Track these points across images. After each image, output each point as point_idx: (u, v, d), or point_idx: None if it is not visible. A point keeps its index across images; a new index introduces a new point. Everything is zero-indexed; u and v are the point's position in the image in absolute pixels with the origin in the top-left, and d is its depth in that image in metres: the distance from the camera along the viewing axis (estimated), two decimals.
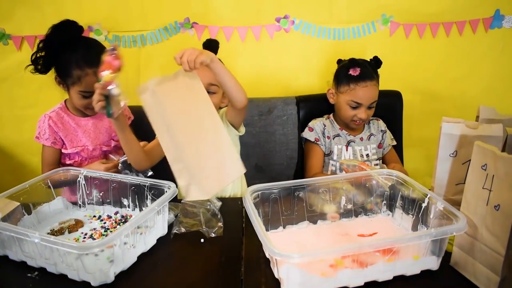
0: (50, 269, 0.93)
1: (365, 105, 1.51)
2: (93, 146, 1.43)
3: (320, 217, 1.10)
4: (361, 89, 1.49)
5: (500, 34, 1.89)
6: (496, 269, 0.82)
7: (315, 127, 1.61)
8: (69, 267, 0.90)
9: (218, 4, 1.78)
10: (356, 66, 1.51)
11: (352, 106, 1.52)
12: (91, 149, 1.43)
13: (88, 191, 1.21)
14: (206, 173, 0.92)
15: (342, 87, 1.54)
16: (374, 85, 1.51)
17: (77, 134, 1.42)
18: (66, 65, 1.30)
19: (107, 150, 1.46)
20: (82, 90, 1.32)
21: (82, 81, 1.31)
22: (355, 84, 1.50)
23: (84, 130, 1.43)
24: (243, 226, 1.11)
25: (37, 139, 1.40)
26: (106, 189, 1.19)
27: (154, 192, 1.12)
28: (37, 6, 1.73)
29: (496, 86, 1.97)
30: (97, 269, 0.89)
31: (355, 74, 1.50)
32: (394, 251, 0.85)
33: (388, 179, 1.11)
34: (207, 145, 0.95)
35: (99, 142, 1.45)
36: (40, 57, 1.30)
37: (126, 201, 1.18)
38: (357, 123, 1.55)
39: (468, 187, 0.88)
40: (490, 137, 0.94)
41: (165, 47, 1.82)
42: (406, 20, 1.86)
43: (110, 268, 0.89)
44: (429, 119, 1.97)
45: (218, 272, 0.93)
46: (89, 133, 1.43)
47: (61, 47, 1.30)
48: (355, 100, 1.50)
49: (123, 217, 1.17)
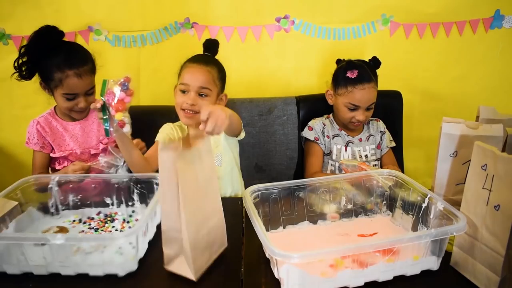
0: (66, 272, 0.91)
1: (363, 107, 1.51)
2: (81, 150, 1.45)
3: (320, 217, 1.10)
4: (359, 92, 1.49)
5: (500, 34, 1.89)
6: (496, 269, 0.82)
7: (315, 126, 1.61)
8: (90, 265, 0.90)
9: (218, 4, 1.78)
10: (354, 68, 1.50)
11: (350, 108, 1.52)
12: (79, 153, 1.45)
13: (63, 197, 1.16)
14: (199, 252, 0.90)
15: (340, 89, 1.54)
16: (372, 87, 1.50)
17: (64, 139, 1.45)
18: (48, 69, 1.33)
19: (95, 153, 1.47)
20: (65, 93, 1.35)
21: (64, 83, 1.33)
22: (353, 86, 1.49)
23: (71, 134, 1.45)
24: (243, 226, 1.11)
25: (27, 144, 1.43)
26: (85, 190, 1.17)
27: (141, 186, 1.14)
28: (37, 6, 1.73)
29: (496, 86, 1.97)
30: (123, 258, 0.92)
31: (352, 76, 1.50)
32: (394, 251, 0.85)
33: (388, 179, 1.11)
34: (206, 224, 0.93)
35: (87, 146, 1.46)
36: (22, 63, 1.33)
37: (109, 199, 1.18)
38: (356, 124, 1.55)
39: (468, 187, 0.88)
40: (490, 137, 0.94)
41: (165, 47, 1.82)
42: (406, 20, 1.86)
43: (136, 255, 0.93)
44: (429, 119, 1.97)
45: (218, 272, 0.93)
46: (77, 137, 1.46)
47: (42, 53, 1.32)
48: (353, 103, 1.50)
49: (107, 216, 1.16)
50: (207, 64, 1.37)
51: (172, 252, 0.91)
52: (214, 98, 1.38)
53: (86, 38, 1.79)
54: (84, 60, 1.36)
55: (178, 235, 0.88)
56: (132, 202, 1.18)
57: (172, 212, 0.87)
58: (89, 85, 1.38)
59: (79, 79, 1.33)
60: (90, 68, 1.38)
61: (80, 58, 1.36)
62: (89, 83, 1.37)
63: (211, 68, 1.36)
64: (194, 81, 1.33)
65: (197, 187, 0.89)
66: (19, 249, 0.90)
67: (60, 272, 0.92)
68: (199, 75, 1.34)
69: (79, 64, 1.34)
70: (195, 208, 0.88)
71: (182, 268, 0.90)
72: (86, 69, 1.36)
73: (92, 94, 1.40)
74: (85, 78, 1.35)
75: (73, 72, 1.32)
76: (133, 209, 1.18)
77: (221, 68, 1.43)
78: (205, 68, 1.35)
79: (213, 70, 1.37)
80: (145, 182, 1.14)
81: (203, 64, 1.36)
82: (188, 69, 1.36)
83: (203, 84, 1.33)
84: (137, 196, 1.17)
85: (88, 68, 1.37)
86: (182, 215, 0.85)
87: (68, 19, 1.75)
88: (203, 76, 1.34)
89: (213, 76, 1.36)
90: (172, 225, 0.88)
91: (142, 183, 1.14)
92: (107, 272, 0.91)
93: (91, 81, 1.38)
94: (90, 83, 1.38)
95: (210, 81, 1.35)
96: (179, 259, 0.91)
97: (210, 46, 1.45)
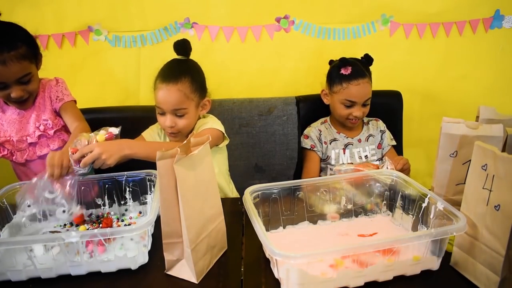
0: (76, 272, 0.91)
1: (359, 103, 1.52)
2: (17, 137, 1.32)
3: (320, 217, 1.10)
4: (354, 87, 1.50)
5: (500, 34, 1.89)
6: (496, 269, 0.82)
7: (310, 134, 1.62)
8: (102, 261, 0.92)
9: (218, 4, 1.78)
10: (347, 65, 1.52)
11: (347, 105, 1.53)
12: (15, 141, 1.32)
13: None
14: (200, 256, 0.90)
15: (335, 87, 1.55)
16: (366, 83, 1.52)
17: (2, 123, 1.33)
18: None
19: (32, 142, 1.33)
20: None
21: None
22: (348, 83, 1.51)
23: (9, 119, 1.32)
24: (243, 226, 1.11)
25: None
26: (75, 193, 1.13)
27: (134, 183, 1.14)
28: (36, 6, 1.73)
29: (496, 86, 1.97)
30: (136, 251, 0.94)
31: (346, 73, 1.51)
32: (394, 251, 0.85)
33: (388, 179, 1.11)
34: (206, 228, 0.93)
35: (25, 134, 1.32)
36: None
37: (100, 200, 1.17)
38: (353, 121, 1.56)
39: (468, 187, 0.88)
40: (490, 137, 0.94)
41: (165, 47, 1.81)
42: (406, 20, 1.85)
43: (147, 247, 0.96)
44: (429, 119, 1.97)
45: (218, 272, 0.93)
46: (14, 123, 1.32)
47: None
48: (349, 99, 1.51)
49: (99, 217, 1.16)
50: (178, 79, 1.29)
51: (174, 257, 0.91)
52: (192, 112, 1.33)
53: (86, 38, 1.79)
54: (10, 44, 1.17)
55: (179, 240, 0.89)
56: (125, 201, 1.18)
57: (172, 218, 0.87)
58: (19, 73, 1.20)
59: (3, 66, 1.16)
60: (21, 54, 1.20)
61: (6, 42, 1.17)
62: (18, 71, 1.20)
63: (182, 84, 1.29)
64: (167, 105, 1.29)
65: (197, 192, 0.89)
66: (26, 253, 0.89)
67: (70, 273, 0.92)
68: (170, 98, 1.28)
69: (4, 49, 1.16)
70: (195, 213, 0.88)
71: (183, 272, 0.91)
72: (14, 55, 1.17)
73: (28, 82, 1.25)
74: (12, 65, 1.17)
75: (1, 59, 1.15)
76: (126, 207, 1.18)
77: (195, 75, 1.35)
78: (175, 87, 1.28)
79: (185, 85, 1.29)
80: (137, 179, 1.14)
81: (173, 82, 1.28)
82: (159, 90, 1.30)
83: (176, 106, 1.29)
84: (129, 194, 1.17)
85: (17, 54, 1.18)
86: (183, 220, 0.85)
87: (68, 19, 1.75)
88: (174, 98, 1.28)
89: (186, 93, 1.29)
90: (173, 231, 0.88)
91: (134, 181, 1.14)
92: (121, 267, 0.93)
93: (21, 68, 1.20)
94: (21, 71, 1.20)
95: (183, 100, 1.29)
96: (180, 264, 0.91)
97: (180, 48, 1.36)
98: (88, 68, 1.82)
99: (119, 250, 0.96)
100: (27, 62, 1.22)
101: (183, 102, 1.29)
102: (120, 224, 1.12)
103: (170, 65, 1.35)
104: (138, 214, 1.16)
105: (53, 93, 1.35)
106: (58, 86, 1.37)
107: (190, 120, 1.33)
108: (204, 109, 1.39)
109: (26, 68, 1.22)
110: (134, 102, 1.89)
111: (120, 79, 1.87)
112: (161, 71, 1.34)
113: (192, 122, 1.35)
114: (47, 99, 1.35)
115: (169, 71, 1.33)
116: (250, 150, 1.74)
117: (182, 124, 1.31)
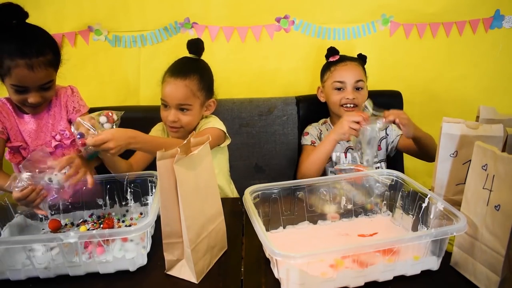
0: (74, 273, 0.91)
1: (349, 84, 1.49)
2: (33, 146, 1.29)
3: (320, 217, 1.10)
4: (341, 68, 1.52)
5: (500, 34, 1.89)
6: (496, 269, 0.82)
7: (311, 131, 1.61)
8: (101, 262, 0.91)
9: (218, 4, 1.78)
10: (335, 54, 1.56)
11: (337, 88, 1.52)
12: (31, 150, 1.29)
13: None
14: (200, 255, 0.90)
15: (325, 76, 1.57)
16: (355, 65, 1.53)
17: (18, 130, 1.29)
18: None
19: (49, 151, 1.29)
20: (14, 84, 1.17)
21: (13, 73, 1.14)
22: (335, 66, 1.54)
23: (24, 128, 1.29)
24: (243, 226, 1.11)
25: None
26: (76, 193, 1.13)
27: (135, 184, 1.15)
28: (37, 6, 1.73)
29: (496, 86, 1.97)
30: (135, 253, 0.94)
31: (334, 59, 1.55)
32: (394, 251, 0.85)
33: (388, 179, 1.11)
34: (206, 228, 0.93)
35: (40, 142, 1.31)
36: None
37: (102, 200, 1.18)
38: (348, 108, 1.50)
39: (468, 187, 0.88)
40: (490, 137, 0.94)
41: (165, 47, 1.82)
42: (406, 20, 1.86)
43: (146, 249, 0.96)
44: (429, 119, 1.96)
45: (218, 272, 0.93)
46: (30, 132, 1.29)
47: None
48: (337, 80, 1.51)
49: (100, 217, 1.16)
50: (186, 76, 1.31)
51: (174, 257, 0.91)
52: (197, 110, 1.34)
53: (86, 38, 1.79)
54: (40, 50, 1.16)
55: (179, 241, 0.89)
56: (126, 202, 1.18)
57: (172, 218, 0.87)
58: (43, 79, 1.18)
59: (30, 71, 1.14)
60: (49, 60, 1.18)
61: (37, 47, 1.16)
62: (43, 77, 1.18)
63: (190, 81, 1.30)
64: (173, 99, 1.30)
65: (197, 192, 0.89)
66: (25, 253, 0.89)
67: (68, 273, 0.92)
68: (176, 92, 1.29)
69: (33, 54, 1.14)
70: (195, 213, 0.88)
71: (183, 272, 0.91)
72: (42, 61, 1.16)
73: (48, 89, 1.22)
74: (38, 71, 1.15)
75: (24, 62, 1.13)
76: (127, 208, 1.19)
77: (204, 74, 1.36)
78: (183, 83, 1.29)
79: (193, 82, 1.31)
80: (139, 180, 1.14)
81: (182, 77, 1.30)
82: (166, 84, 1.31)
83: (181, 101, 1.30)
84: (131, 195, 1.17)
85: (45, 60, 1.17)
86: (183, 220, 0.85)
87: (68, 19, 1.75)
88: (181, 93, 1.29)
89: (193, 90, 1.30)
90: (173, 231, 0.89)
91: (136, 182, 1.14)
92: (120, 268, 0.92)
93: (46, 75, 1.19)
94: (45, 77, 1.19)
95: (189, 96, 1.30)
96: (181, 264, 0.92)
97: (193, 47, 1.38)
98: (88, 68, 1.82)
99: (118, 251, 0.95)
100: (52, 69, 1.21)
101: (188, 98, 1.30)
102: (121, 225, 1.12)
103: (181, 61, 1.38)
104: (139, 215, 1.16)
105: (70, 103, 1.33)
106: (74, 96, 1.34)
107: (193, 117, 1.33)
108: (209, 110, 1.40)
109: (50, 75, 1.21)
110: (134, 102, 1.89)
111: (120, 79, 1.87)
112: (171, 66, 1.36)
113: (195, 120, 1.36)
114: (63, 108, 1.32)
115: (179, 67, 1.35)
116: (250, 150, 1.74)
117: (185, 120, 1.31)
